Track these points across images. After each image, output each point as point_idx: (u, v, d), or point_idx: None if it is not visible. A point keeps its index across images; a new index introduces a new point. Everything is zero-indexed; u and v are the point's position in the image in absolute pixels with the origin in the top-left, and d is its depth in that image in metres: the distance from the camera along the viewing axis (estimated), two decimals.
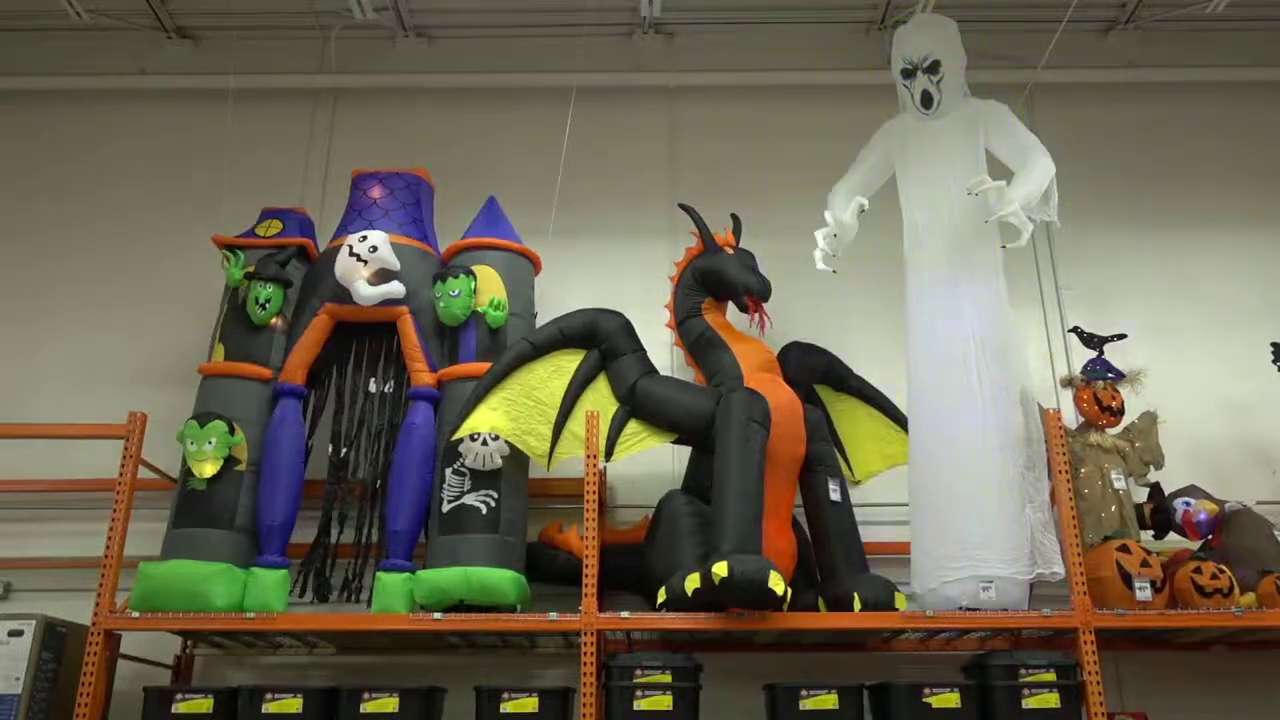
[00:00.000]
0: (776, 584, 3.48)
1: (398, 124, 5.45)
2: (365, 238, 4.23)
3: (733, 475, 3.76)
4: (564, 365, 4.16)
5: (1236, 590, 3.83)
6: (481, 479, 3.97)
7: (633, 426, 4.10)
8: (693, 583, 3.59)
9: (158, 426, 4.06)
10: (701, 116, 5.45)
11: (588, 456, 3.94)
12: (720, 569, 3.47)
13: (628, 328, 4.23)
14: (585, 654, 3.69)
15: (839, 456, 4.53)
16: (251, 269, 4.32)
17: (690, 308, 4.39)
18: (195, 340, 4.50)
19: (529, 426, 4.04)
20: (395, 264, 4.23)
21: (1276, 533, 4.15)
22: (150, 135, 5.48)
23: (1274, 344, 4.41)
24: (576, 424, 4.08)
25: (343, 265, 4.20)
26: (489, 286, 4.29)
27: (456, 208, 4.69)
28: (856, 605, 3.76)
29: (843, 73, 5.44)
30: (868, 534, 4.18)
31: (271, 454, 4.07)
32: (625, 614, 3.80)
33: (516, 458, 4.05)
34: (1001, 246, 4.07)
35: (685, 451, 4.30)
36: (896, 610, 3.80)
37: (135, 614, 3.79)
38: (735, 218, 4.58)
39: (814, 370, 4.56)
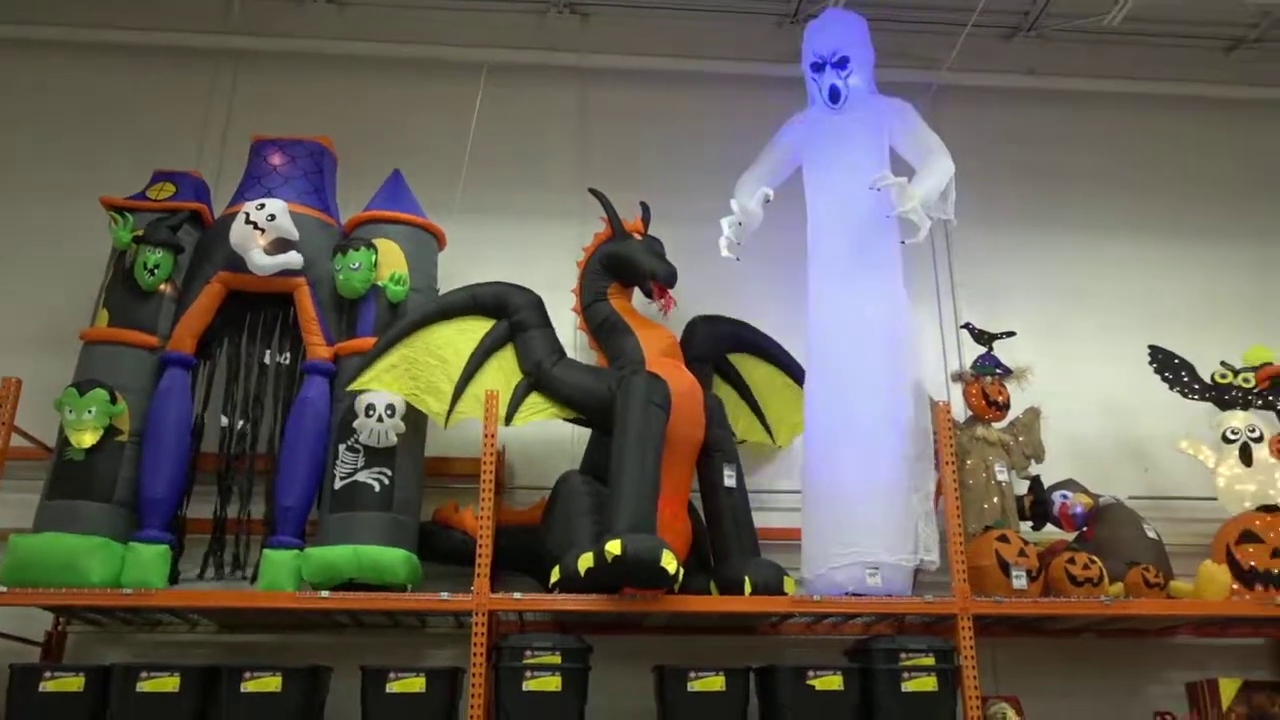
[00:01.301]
0: (669, 562, 3.51)
1: (302, 91, 5.30)
2: (263, 205, 4.11)
3: (630, 456, 3.78)
4: (472, 330, 4.14)
5: (1106, 580, 4.00)
6: (376, 456, 3.91)
7: (535, 397, 4.10)
8: (586, 562, 3.61)
9: (34, 393, 3.89)
10: (613, 100, 5.43)
11: (486, 436, 3.92)
12: (614, 547, 3.49)
13: (539, 305, 4.22)
14: (476, 634, 3.66)
15: (760, 423, 4.64)
16: (140, 233, 4.16)
17: (596, 292, 4.39)
18: (77, 305, 4.32)
19: (429, 384, 4.01)
20: (294, 233, 4.12)
21: (1145, 526, 4.35)
22: (38, 89, 5.21)
23: (1151, 347, 4.61)
24: (478, 387, 4.05)
25: (238, 233, 4.07)
26: (390, 260, 4.21)
27: (360, 180, 4.59)
28: (747, 589, 3.81)
29: (754, 64, 5.47)
30: (761, 519, 4.24)
31: (156, 425, 3.93)
32: (518, 595, 3.79)
33: (412, 435, 4.01)
34: (900, 242, 4.17)
35: (585, 433, 4.30)
36: (785, 595, 3.87)
37: (3, 588, 3.62)
38: (644, 205, 4.59)
39: (722, 339, 4.62)
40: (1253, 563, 4.14)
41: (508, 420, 4.03)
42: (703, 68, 5.51)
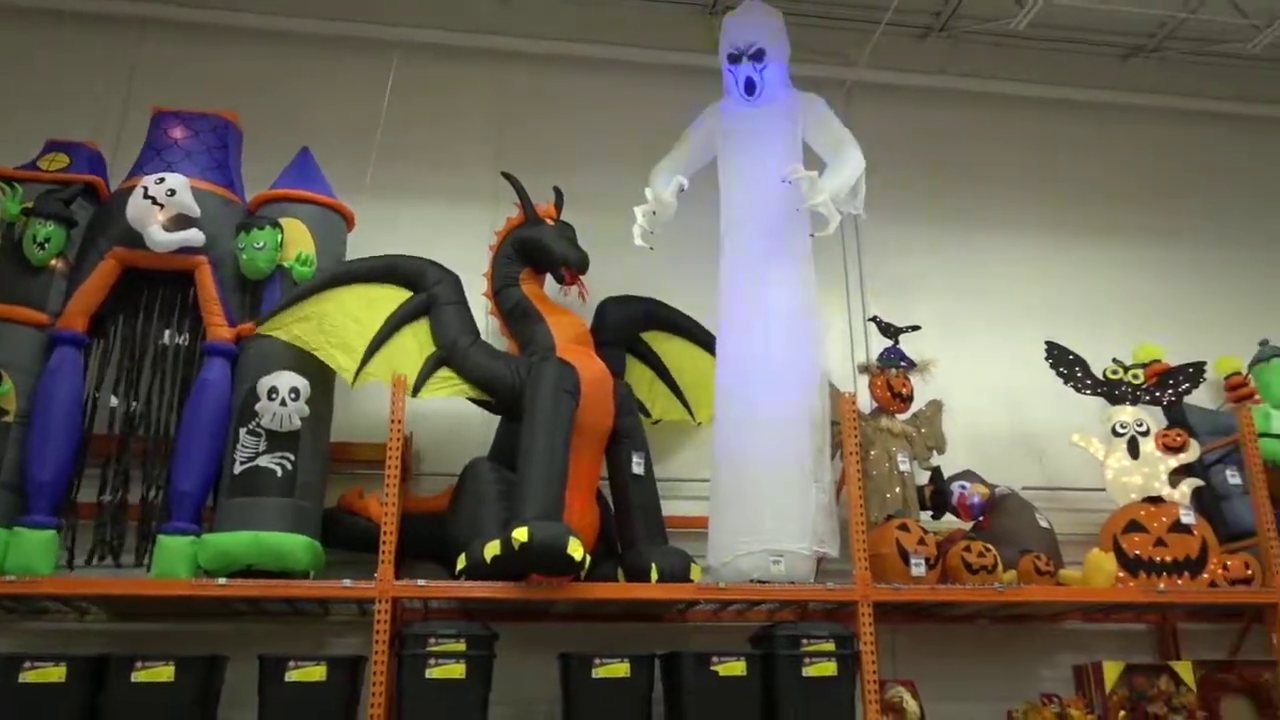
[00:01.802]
0: (575, 549, 3.52)
1: (208, 63, 5.12)
2: (163, 180, 3.97)
3: (539, 443, 3.78)
4: (388, 297, 4.11)
5: (1000, 568, 4.13)
6: (278, 440, 3.82)
7: (445, 371, 4.07)
8: (492, 550, 3.60)
9: None
10: (530, 84, 5.38)
11: (393, 421, 3.87)
12: (520, 534, 3.49)
13: (458, 283, 4.21)
14: (379, 622, 3.62)
15: (679, 401, 4.66)
16: (30, 205, 3.99)
17: (507, 276, 4.36)
18: None
19: (341, 341, 3.97)
20: (195, 210, 4.00)
21: (1038, 516, 4.51)
22: None
23: (1048, 343, 4.76)
24: (390, 352, 4.03)
25: (136, 208, 3.93)
26: (297, 240, 4.11)
27: (267, 157, 4.44)
28: (653, 576, 3.84)
29: (674, 53, 5.47)
30: (669, 508, 4.27)
31: (44, 405, 3.77)
32: (422, 582, 3.75)
33: (317, 419, 3.93)
34: (810, 234, 4.23)
35: (493, 420, 4.27)
36: (691, 582, 3.90)
37: None
38: (558, 190, 4.57)
39: (634, 318, 4.61)
40: (1137, 551, 4.32)
41: (415, 390, 4.00)
42: (621, 55, 5.48)
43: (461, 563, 3.73)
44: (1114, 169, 5.84)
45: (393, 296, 4.11)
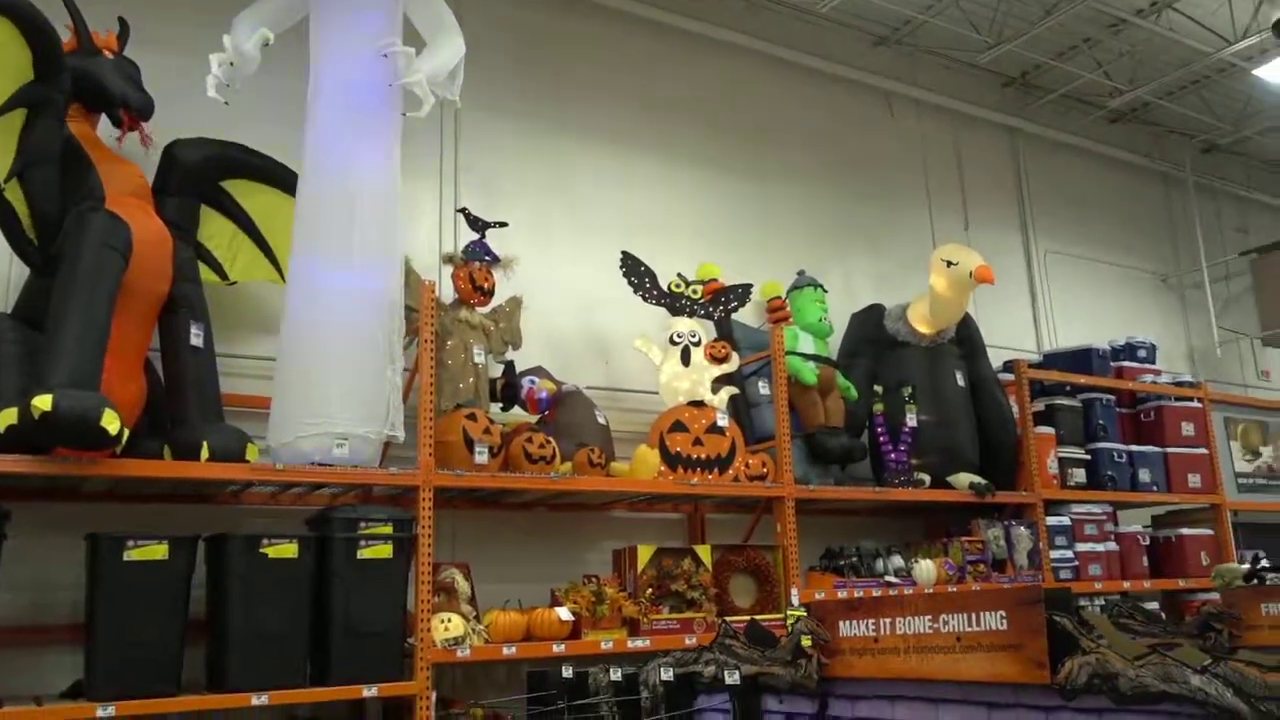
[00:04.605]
0: (110, 422, 3.20)
1: None
2: None
3: (76, 302, 3.38)
4: (19, 65, 3.48)
5: (558, 459, 4.39)
6: None
7: (16, 185, 3.56)
8: (7, 418, 3.19)
9: None
10: None
11: None
12: (43, 402, 3.10)
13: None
14: None
15: (266, 258, 4.32)
16: None
17: None
18: None
19: None
20: None
21: (597, 413, 4.83)
22: None
23: (623, 253, 5.06)
24: None
25: None
26: None
27: None
28: (204, 455, 3.61)
29: None
30: (229, 385, 4.05)
31: None
32: None
33: None
34: (402, 114, 4.10)
35: (16, 280, 3.74)
36: (247, 462, 3.73)
37: None
38: (123, 21, 4.03)
39: (211, 164, 4.16)
40: (679, 449, 4.78)
41: (7, 178, 3.51)
42: None
43: None
44: (701, 100, 6.25)
45: (23, 70, 3.50)
